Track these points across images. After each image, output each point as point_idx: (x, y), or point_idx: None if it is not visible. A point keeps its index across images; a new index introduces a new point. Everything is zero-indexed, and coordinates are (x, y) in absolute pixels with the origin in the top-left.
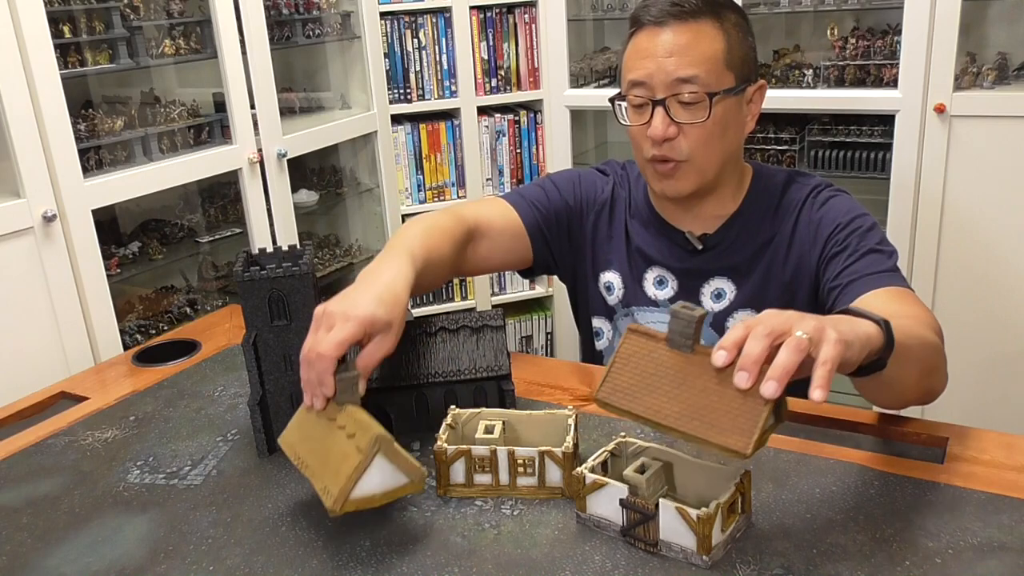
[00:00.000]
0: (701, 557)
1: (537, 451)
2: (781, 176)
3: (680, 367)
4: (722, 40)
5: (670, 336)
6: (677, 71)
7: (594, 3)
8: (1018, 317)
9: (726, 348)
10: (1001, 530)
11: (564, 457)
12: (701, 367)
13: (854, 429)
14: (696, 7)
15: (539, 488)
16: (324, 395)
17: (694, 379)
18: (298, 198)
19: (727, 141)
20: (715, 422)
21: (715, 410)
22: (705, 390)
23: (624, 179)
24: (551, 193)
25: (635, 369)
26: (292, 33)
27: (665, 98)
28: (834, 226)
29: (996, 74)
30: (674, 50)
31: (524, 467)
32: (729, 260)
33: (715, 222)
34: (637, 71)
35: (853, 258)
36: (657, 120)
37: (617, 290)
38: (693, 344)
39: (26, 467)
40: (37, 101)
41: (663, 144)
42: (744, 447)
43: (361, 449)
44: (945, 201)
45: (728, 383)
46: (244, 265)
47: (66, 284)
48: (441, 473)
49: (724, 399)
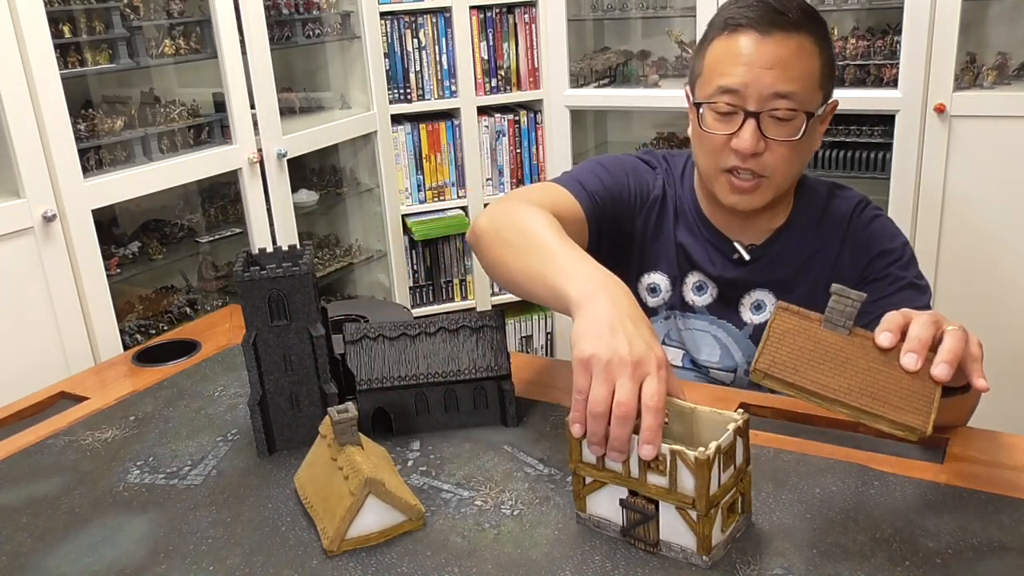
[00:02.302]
0: (701, 557)
1: (669, 448)
2: (823, 187)
3: (841, 346)
4: (819, 57)
5: (828, 316)
6: (776, 85)
7: (594, 3)
8: (1018, 317)
9: (891, 331)
10: (1001, 530)
11: (696, 463)
12: (863, 348)
13: (854, 429)
14: (798, 19)
15: (668, 492)
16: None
17: (857, 359)
18: (298, 198)
19: (804, 159)
20: (888, 400)
21: (884, 388)
22: (871, 370)
23: (670, 175)
24: (607, 182)
25: (792, 345)
26: (292, 33)
27: (759, 111)
28: (878, 251)
29: (996, 74)
30: (775, 62)
31: (656, 463)
32: (773, 273)
33: (764, 234)
34: (731, 77)
35: (892, 289)
36: (747, 133)
37: (663, 292)
38: (851, 325)
39: (26, 467)
40: (37, 101)
41: (748, 159)
42: (924, 424)
43: (352, 492)
44: (945, 201)
45: (893, 364)
46: (244, 265)
47: (66, 284)
48: (572, 447)
49: (892, 379)
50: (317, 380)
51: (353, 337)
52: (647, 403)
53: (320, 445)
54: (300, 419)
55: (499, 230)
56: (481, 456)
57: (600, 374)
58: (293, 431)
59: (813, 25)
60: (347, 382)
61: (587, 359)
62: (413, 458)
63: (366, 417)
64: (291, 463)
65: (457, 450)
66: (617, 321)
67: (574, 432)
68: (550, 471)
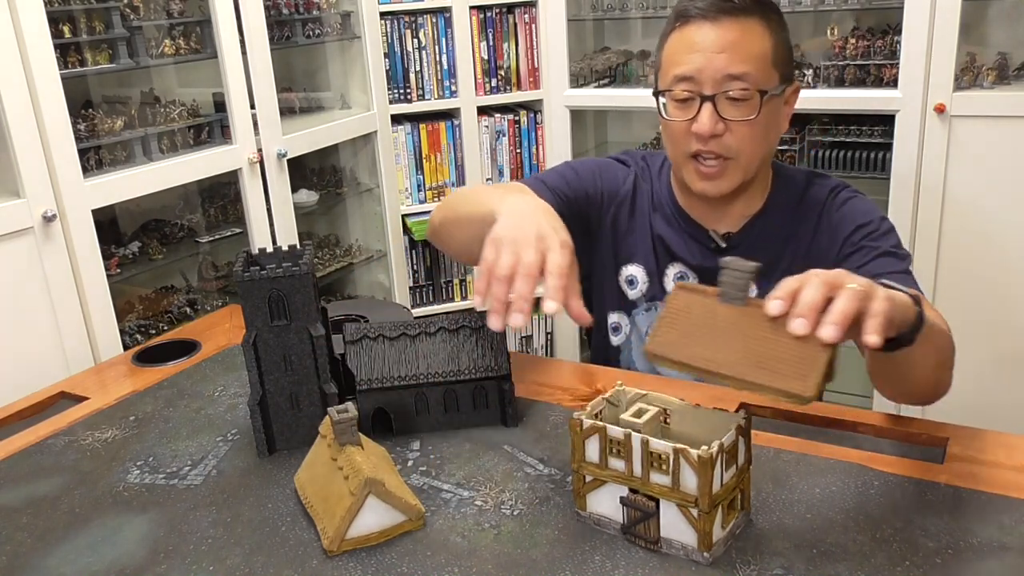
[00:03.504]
0: (702, 554)
1: (672, 447)
2: (801, 175)
3: (734, 319)
4: (770, 39)
5: (722, 289)
6: (728, 67)
7: (594, 3)
8: (1018, 317)
9: (781, 298)
10: (1001, 530)
11: (700, 461)
12: (755, 318)
13: (854, 429)
14: (746, 4)
15: (672, 490)
16: (527, 311)
17: (749, 329)
18: (298, 198)
19: (769, 140)
20: (774, 368)
21: (773, 357)
22: (761, 339)
23: (645, 171)
24: (572, 181)
25: (685, 322)
26: (292, 33)
27: (714, 94)
28: (852, 227)
29: (996, 74)
30: (725, 46)
31: (659, 462)
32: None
33: (740, 221)
34: (684, 65)
35: (867, 259)
36: (705, 116)
37: (640, 284)
38: (745, 297)
39: (26, 467)
40: (37, 101)
41: (709, 140)
42: (804, 390)
43: (352, 492)
44: (945, 201)
45: (783, 332)
46: (244, 265)
47: (66, 284)
48: (575, 446)
49: (781, 346)
50: (317, 380)
51: (353, 337)
52: (550, 269)
53: (320, 445)
54: (300, 419)
55: (446, 218)
56: (481, 456)
57: (506, 247)
58: (293, 431)
59: (763, 9)
60: (347, 382)
61: (497, 238)
62: (413, 458)
63: (366, 417)
64: (291, 463)
65: (457, 450)
66: (528, 213)
67: (475, 303)
68: (550, 471)
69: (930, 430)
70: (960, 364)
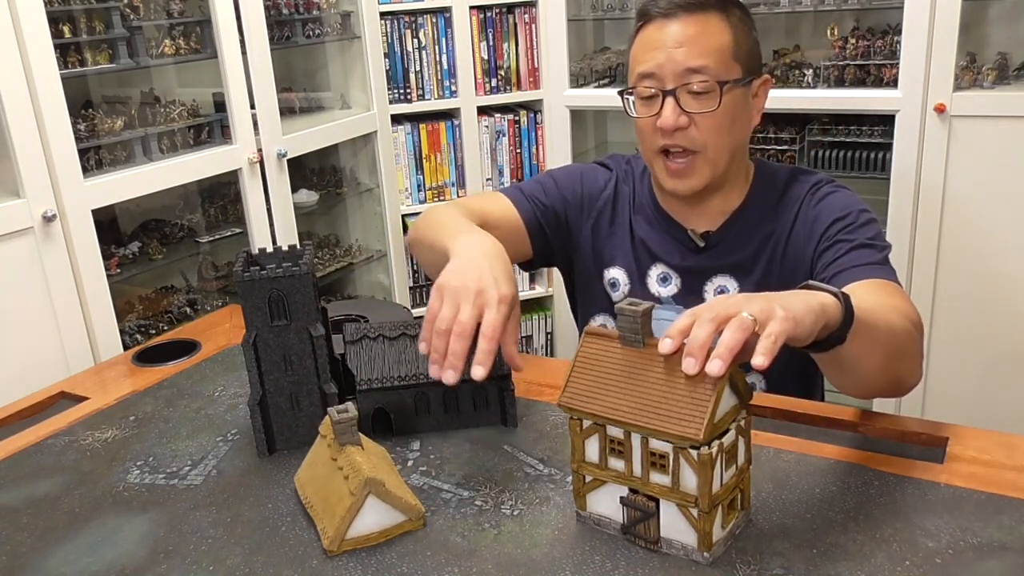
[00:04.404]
0: (702, 554)
1: (672, 446)
2: (784, 173)
3: (633, 363)
4: (729, 33)
5: (621, 334)
6: (687, 61)
7: (594, 3)
8: (1018, 317)
9: (672, 336)
10: (1001, 530)
11: (700, 461)
12: (652, 360)
13: (854, 429)
14: (704, 0)
15: (671, 490)
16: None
17: (646, 372)
18: (298, 198)
19: (736, 133)
20: (668, 412)
21: (666, 399)
22: (656, 382)
23: (628, 174)
24: (550, 189)
25: (593, 370)
26: (292, 33)
27: (675, 88)
28: (829, 221)
29: (996, 74)
30: (684, 41)
31: (659, 461)
32: (731, 258)
33: (719, 218)
34: (646, 63)
35: (843, 251)
36: (667, 110)
37: (623, 286)
38: (643, 339)
39: (26, 467)
40: (37, 101)
41: (674, 134)
42: (696, 434)
43: (352, 492)
44: (945, 201)
45: (678, 372)
46: (244, 265)
47: (66, 284)
48: (575, 446)
49: (675, 388)
50: (317, 380)
51: (353, 337)
52: (483, 331)
53: (320, 445)
54: (300, 419)
55: (414, 239)
56: (481, 456)
57: (449, 299)
58: (293, 431)
59: (722, 4)
60: (347, 382)
61: (441, 286)
62: (413, 458)
63: (366, 417)
64: (291, 463)
65: (457, 450)
66: (476, 259)
67: (421, 349)
68: (550, 471)
69: (930, 430)
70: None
